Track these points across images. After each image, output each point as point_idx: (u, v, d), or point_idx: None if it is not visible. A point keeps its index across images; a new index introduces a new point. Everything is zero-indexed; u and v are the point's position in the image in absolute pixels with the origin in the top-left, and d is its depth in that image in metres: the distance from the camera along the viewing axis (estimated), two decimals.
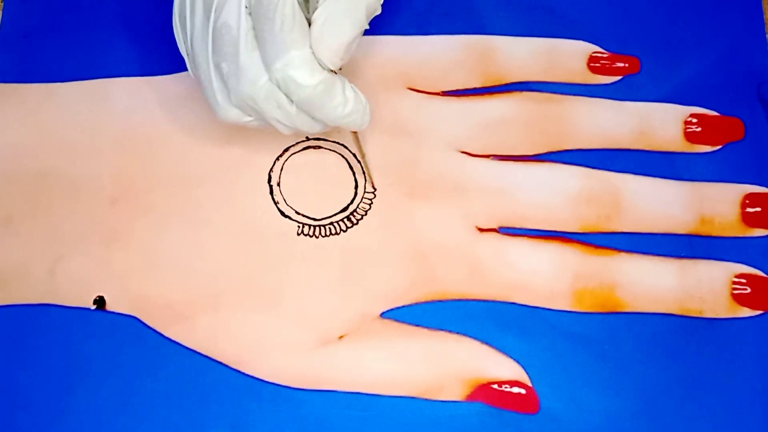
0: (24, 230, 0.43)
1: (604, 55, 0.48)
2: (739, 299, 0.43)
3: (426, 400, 0.41)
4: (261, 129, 0.42)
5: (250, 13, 0.38)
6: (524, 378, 0.41)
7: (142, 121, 0.45)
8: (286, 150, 0.45)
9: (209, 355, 0.41)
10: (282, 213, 0.44)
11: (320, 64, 0.39)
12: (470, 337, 0.42)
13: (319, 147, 0.45)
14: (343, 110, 0.40)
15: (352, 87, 0.40)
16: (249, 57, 0.38)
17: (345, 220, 0.44)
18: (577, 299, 0.43)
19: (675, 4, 0.49)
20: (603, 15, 0.49)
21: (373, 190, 0.44)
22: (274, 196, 0.44)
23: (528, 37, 0.48)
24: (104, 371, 0.41)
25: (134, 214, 0.44)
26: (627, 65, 0.47)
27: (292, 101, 0.39)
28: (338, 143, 0.45)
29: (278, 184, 0.45)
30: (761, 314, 0.43)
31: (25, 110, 0.45)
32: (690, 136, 0.46)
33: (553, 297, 0.43)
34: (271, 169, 0.45)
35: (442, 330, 0.42)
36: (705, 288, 0.43)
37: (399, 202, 0.44)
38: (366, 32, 0.47)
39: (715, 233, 0.44)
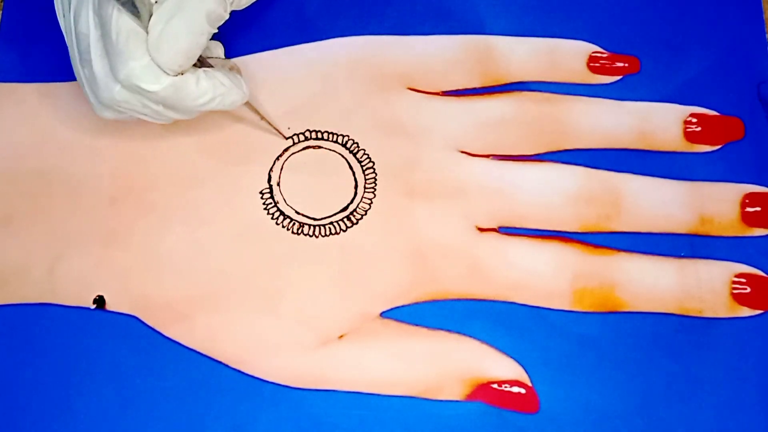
0: (24, 230, 0.43)
1: (604, 55, 0.48)
2: (738, 299, 0.43)
3: (426, 399, 0.41)
4: (259, 129, 0.42)
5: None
6: (524, 378, 0.41)
7: (141, 120, 0.45)
8: (286, 150, 0.45)
9: (209, 354, 0.41)
10: (282, 213, 0.44)
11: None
12: (470, 336, 0.42)
13: (319, 147, 0.45)
14: (202, 100, 0.40)
15: (208, 76, 0.41)
16: (101, 65, 0.39)
17: (345, 219, 0.44)
18: (577, 299, 0.43)
19: (675, 4, 0.49)
20: (603, 15, 0.49)
21: (285, 138, 0.45)
22: (274, 196, 0.44)
23: (528, 37, 0.48)
24: (104, 371, 0.41)
25: (134, 214, 0.44)
26: (627, 65, 0.47)
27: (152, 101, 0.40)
28: (338, 143, 0.45)
29: (278, 184, 0.45)
30: (761, 314, 0.43)
31: (25, 110, 0.45)
32: (690, 136, 0.46)
33: (552, 297, 0.43)
34: (271, 169, 0.45)
35: (442, 330, 0.42)
36: (705, 287, 0.43)
37: (399, 202, 0.44)
38: (366, 32, 0.48)
39: (714, 233, 0.44)
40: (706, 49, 0.48)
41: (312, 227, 0.44)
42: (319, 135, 0.45)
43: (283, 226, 0.44)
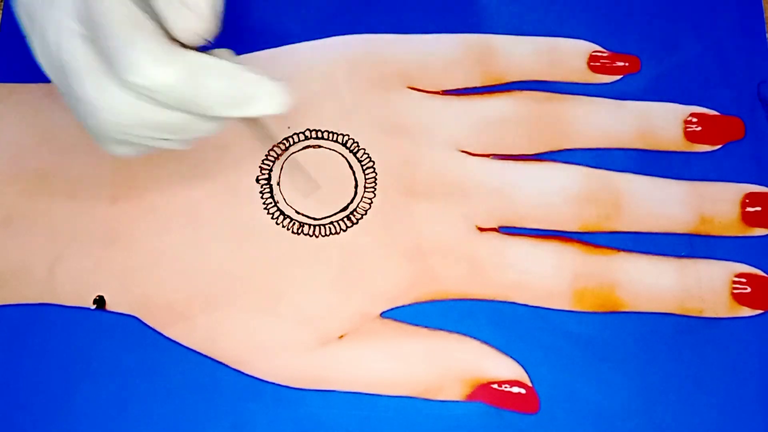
0: (23, 230, 0.43)
1: (605, 54, 0.48)
2: (739, 299, 0.43)
3: (426, 400, 0.41)
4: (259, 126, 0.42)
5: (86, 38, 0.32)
6: (524, 378, 0.41)
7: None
8: (286, 150, 0.45)
9: (209, 355, 0.41)
10: (282, 212, 0.44)
11: (175, 51, 0.31)
12: (470, 336, 0.42)
13: (319, 147, 0.45)
14: (226, 94, 0.33)
15: (234, 66, 0.33)
16: (96, 85, 0.32)
17: (345, 219, 0.44)
18: (577, 299, 0.43)
19: (675, 4, 0.49)
20: (604, 14, 0.48)
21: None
22: (274, 196, 0.44)
23: (528, 35, 0.48)
24: (104, 371, 0.41)
25: (134, 214, 0.44)
26: (627, 64, 0.47)
27: (168, 108, 0.32)
28: (338, 143, 0.45)
29: (278, 184, 0.45)
30: (761, 314, 0.43)
31: (25, 110, 0.45)
32: (690, 136, 0.46)
33: (552, 297, 0.43)
34: (271, 169, 0.45)
35: (442, 330, 0.42)
36: (705, 287, 0.43)
37: (399, 201, 0.44)
38: (366, 31, 0.48)
39: (715, 232, 0.44)
40: (707, 49, 0.48)
41: (312, 227, 0.44)
42: (319, 134, 0.45)
43: (283, 226, 0.44)
